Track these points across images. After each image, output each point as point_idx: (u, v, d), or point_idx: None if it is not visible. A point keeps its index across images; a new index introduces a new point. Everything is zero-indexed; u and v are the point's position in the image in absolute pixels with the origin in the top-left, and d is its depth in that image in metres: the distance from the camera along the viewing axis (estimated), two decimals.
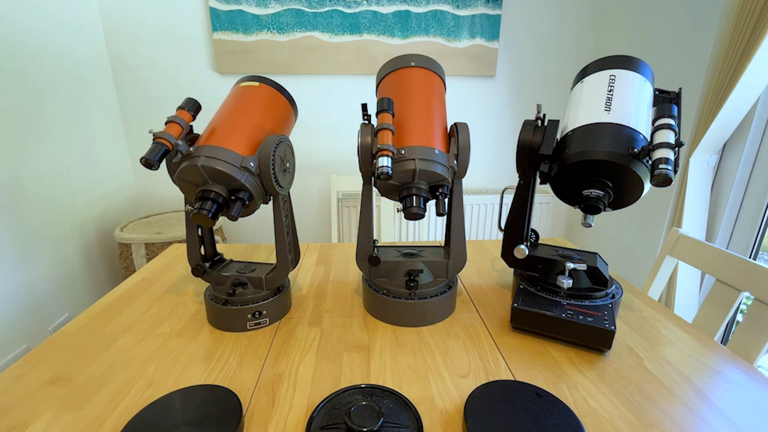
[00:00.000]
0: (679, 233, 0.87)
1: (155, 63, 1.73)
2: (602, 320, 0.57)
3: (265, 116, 0.65)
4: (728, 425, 0.45)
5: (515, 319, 0.62)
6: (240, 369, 0.55)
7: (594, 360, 0.57)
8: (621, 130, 0.57)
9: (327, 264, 0.90)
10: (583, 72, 0.67)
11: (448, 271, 0.69)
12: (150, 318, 0.67)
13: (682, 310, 1.31)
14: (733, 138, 1.26)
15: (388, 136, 0.59)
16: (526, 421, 0.42)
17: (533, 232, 0.76)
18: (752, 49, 1.07)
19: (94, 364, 0.55)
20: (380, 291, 0.66)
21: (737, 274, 0.72)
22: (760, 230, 1.23)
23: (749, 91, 1.13)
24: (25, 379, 0.52)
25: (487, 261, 0.92)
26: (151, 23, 1.68)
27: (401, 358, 0.57)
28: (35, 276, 1.38)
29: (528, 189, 0.66)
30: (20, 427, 0.44)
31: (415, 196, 0.60)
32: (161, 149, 0.56)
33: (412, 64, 0.69)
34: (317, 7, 1.67)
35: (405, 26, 1.72)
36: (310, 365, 0.55)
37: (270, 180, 0.60)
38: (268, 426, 0.45)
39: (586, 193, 0.58)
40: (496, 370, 0.55)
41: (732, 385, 0.52)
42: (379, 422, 0.41)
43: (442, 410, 0.47)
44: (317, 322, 0.66)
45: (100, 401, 0.48)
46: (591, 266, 0.66)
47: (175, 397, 0.46)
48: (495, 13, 1.73)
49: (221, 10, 1.65)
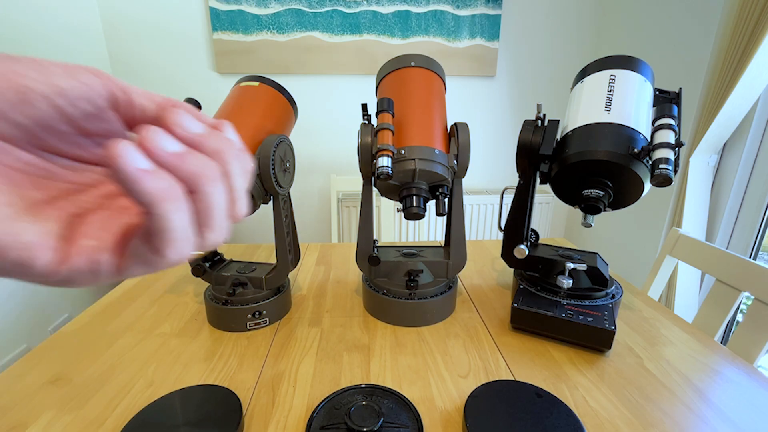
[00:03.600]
0: (679, 233, 0.87)
1: (155, 63, 1.73)
2: (602, 320, 0.57)
3: (265, 116, 0.65)
4: (728, 425, 0.45)
5: (515, 319, 0.62)
6: (240, 369, 0.55)
7: (594, 360, 0.57)
8: (621, 130, 0.57)
9: (327, 264, 0.90)
10: (583, 72, 0.67)
11: (448, 271, 0.69)
12: (150, 318, 0.67)
13: (682, 310, 1.31)
14: (733, 138, 1.26)
15: (388, 136, 0.59)
16: (526, 421, 0.42)
17: (533, 232, 0.75)
18: (752, 49, 1.07)
19: (94, 364, 0.55)
20: (380, 291, 0.66)
21: (737, 274, 0.72)
22: (760, 230, 1.23)
23: (749, 91, 1.13)
24: (25, 379, 0.52)
25: (487, 261, 0.92)
26: (151, 23, 1.68)
27: (401, 358, 0.57)
28: None
29: (528, 189, 0.66)
30: (20, 427, 0.44)
31: (415, 196, 0.60)
32: None
33: (412, 64, 0.69)
34: (317, 7, 1.67)
35: (405, 26, 1.72)
36: (310, 365, 0.55)
37: (270, 180, 0.60)
38: (268, 426, 0.45)
39: (586, 193, 0.58)
40: (496, 370, 0.55)
41: (732, 385, 0.52)
42: (379, 422, 0.41)
43: (442, 410, 0.47)
44: (317, 322, 0.66)
45: (100, 401, 0.48)
46: (591, 266, 0.66)
47: (175, 397, 0.46)
48: (495, 13, 1.73)
49: (221, 10, 1.65)
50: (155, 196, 0.14)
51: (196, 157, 0.16)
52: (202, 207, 0.16)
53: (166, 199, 0.15)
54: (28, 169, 0.17)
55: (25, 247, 0.15)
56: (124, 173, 0.14)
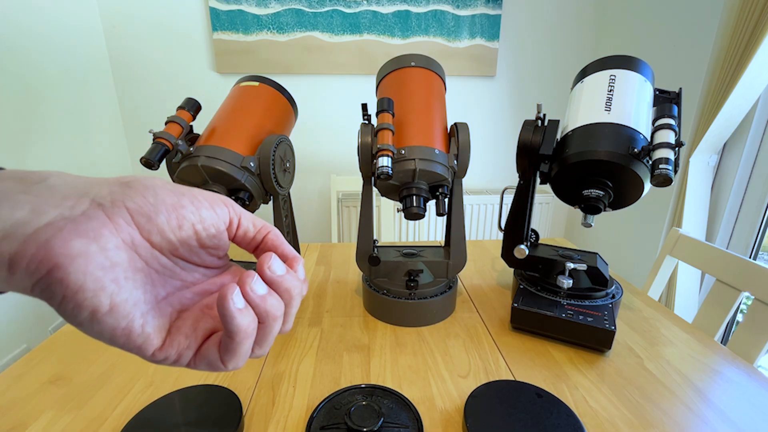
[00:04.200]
0: (679, 233, 0.87)
1: (155, 63, 1.73)
2: (602, 320, 0.57)
3: (265, 116, 0.65)
4: (728, 425, 0.45)
5: (515, 319, 0.62)
6: (240, 369, 0.54)
7: (594, 360, 0.57)
8: (621, 130, 0.57)
9: (327, 264, 0.90)
10: (584, 72, 0.67)
11: (448, 271, 0.69)
12: None
13: (682, 310, 1.31)
14: (733, 138, 1.26)
15: (388, 136, 0.59)
16: (526, 421, 0.42)
17: (533, 232, 0.75)
18: (752, 49, 1.07)
19: (94, 364, 0.55)
20: (380, 291, 0.66)
21: (737, 274, 0.72)
22: (760, 230, 1.23)
23: (749, 91, 1.13)
24: (25, 379, 0.52)
25: (487, 261, 0.92)
26: (151, 23, 1.68)
27: (401, 358, 0.57)
28: None
29: (528, 189, 0.66)
30: (20, 427, 0.44)
31: (415, 196, 0.60)
32: (161, 149, 0.56)
33: (412, 64, 0.69)
34: (317, 7, 1.67)
35: (405, 26, 1.72)
36: (310, 365, 0.55)
37: (270, 180, 0.60)
38: (268, 426, 0.45)
39: (586, 193, 0.58)
40: (496, 370, 0.55)
41: (732, 385, 0.52)
42: (379, 422, 0.41)
43: (442, 410, 0.47)
44: (317, 322, 0.66)
45: (100, 401, 0.48)
46: (591, 266, 0.66)
47: (175, 397, 0.46)
48: (495, 13, 1.73)
49: (221, 10, 1.65)
50: (240, 329, 0.20)
51: (273, 297, 0.22)
52: (262, 334, 0.22)
53: (245, 333, 0.20)
54: (161, 271, 0.22)
55: (146, 337, 0.20)
56: (227, 310, 0.20)
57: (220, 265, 0.25)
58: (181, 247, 0.22)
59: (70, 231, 0.18)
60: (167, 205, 0.21)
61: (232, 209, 0.24)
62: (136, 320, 0.19)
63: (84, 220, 0.19)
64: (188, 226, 0.22)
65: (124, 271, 0.19)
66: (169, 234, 0.21)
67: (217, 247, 0.24)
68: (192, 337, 0.22)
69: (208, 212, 0.22)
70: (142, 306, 0.20)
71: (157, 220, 0.21)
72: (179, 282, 0.23)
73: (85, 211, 0.19)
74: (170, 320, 0.22)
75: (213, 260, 0.25)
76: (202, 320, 0.23)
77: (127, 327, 0.19)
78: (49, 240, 0.17)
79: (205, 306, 0.23)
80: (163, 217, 0.21)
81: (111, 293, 0.18)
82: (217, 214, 0.23)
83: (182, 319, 0.22)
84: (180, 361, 0.21)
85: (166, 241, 0.21)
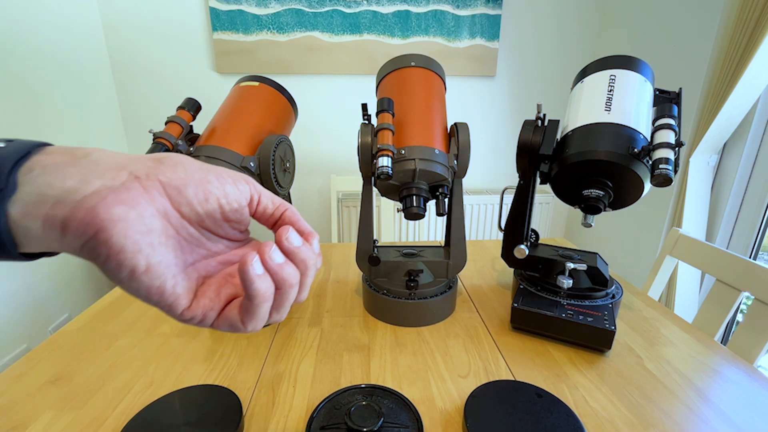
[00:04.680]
0: (679, 233, 0.87)
1: (155, 63, 1.73)
2: (602, 320, 0.57)
3: (265, 116, 0.65)
4: (728, 425, 0.45)
5: (515, 319, 0.62)
6: (240, 369, 0.54)
7: (594, 360, 0.57)
8: (621, 130, 0.57)
9: (327, 264, 0.90)
10: (583, 72, 0.67)
11: (448, 271, 0.69)
12: (150, 318, 0.67)
13: (682, 310, 1.31)
14: (733, 138, 1.26)
15: (388, 136, 0.59)
16: (526, 421, 0.42)
17: (533, 232, 0.75)
18: (752, 49, 1.07)
19: (94, 364, 0.55)
20: (380, 291, 0.66)
21: (737, 274, 0.72)
22: (760, 230, 1.23)
23: (749, 91, 1.13)
24: (25, 379, 0.52)
25: (487, 261, 0.92)
26: (151, 23, 1.68)
27: (401, 358, 0.57)
28: (35, 276, 1.38)
29: (528, 189, 0.66)
30: (20, 427, 0.44)
31: (415, 196, 0.60)
32: (161, 149, 0.56)
33: (412, 64, 0.69)
34: (317, 7, 1.67)
35: (405, 26, 1.72)
36: (310, 365, 0.55)
37: (270, 180, 0.60)
38: (268, 426, 0.45)
39: (586, 193, 0.58)
40: (496, 370, 0.55)
41: (732, 385, 0.52)
42: (379, 422, 0.41)
43: (442, 410, 0.47)
44: (317, 322, 0.66)
45: (100, 401, 0.48)
46: (591, 266, 0.66)
47: (175, 397, 0.46)
48: (495, 13, 1.73)
49: (221, 10, 1.65)
50: (258, 293, 0.22)
51: (289, 266, 0.24)
52: (279, 300, 0.24)
53: (263, 296, 0.22)
54: (189, 239, 0.24)
55: (176, 297, 0.22)
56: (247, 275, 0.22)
57: (241, 239, 0.28)
58: (206, 219, 0.24)
59: (112, 199, 0.20)
60: (195, 180, 0.23)
61: (253, 187, 0.26)
62: (168, 281, 0.22)
63: (123, 190, 0.21)
64: (213, 200, 0.24)
65: (158, 237, 0.21)
66: (197, 206, 0.23)
67: (239, 221, 0.26)
68: (216, 300, 0.24)
69: (231, 188, 0.25)
70: (173, 269, 0.22)
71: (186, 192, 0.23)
72: (205, 251, 0.26)
73: (124, 182, 0.21)
74: (197, 284, 0.24)
75: (235, 233, 0.27)
76: (224, 286, 0.25)
77: (160, 286, 0.21)
78: (95, 206, 0.19)
79: (228, 274, 0.26)
80: (191, 190, 0.23)
81: (147, 255, 0.21)
82: (239, 190, 0.25)
83: (207, 285, 0.25)
84: (204, 322, 0.24)
85: (194, 212, 0.23)
